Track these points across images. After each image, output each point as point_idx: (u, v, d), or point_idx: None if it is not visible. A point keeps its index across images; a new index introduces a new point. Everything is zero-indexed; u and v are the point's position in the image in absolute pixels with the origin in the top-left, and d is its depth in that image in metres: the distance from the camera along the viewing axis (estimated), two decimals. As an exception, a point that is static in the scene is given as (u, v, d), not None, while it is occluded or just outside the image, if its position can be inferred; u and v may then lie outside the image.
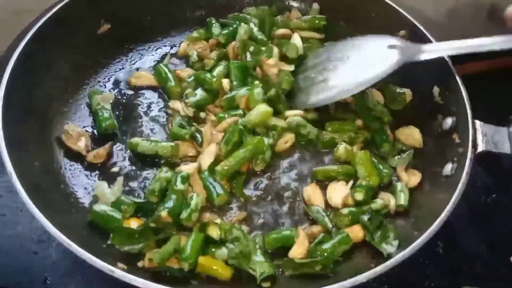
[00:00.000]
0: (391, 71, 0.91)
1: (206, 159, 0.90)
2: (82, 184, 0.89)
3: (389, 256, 0.76)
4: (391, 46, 0.94)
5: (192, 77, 1.03)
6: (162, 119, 0.99)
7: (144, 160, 0.92)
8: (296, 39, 1.08)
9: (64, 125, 0.95)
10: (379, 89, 1.03)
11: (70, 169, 0.90)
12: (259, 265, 0.77)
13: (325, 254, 0.79)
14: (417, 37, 1.02)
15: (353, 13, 1.14)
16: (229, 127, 0.93)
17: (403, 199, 0.87)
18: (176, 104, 1.00)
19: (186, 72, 1.05)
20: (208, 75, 1.01)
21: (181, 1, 1.15)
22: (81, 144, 0.93)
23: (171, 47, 1.12)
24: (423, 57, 0.92)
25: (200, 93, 1.00)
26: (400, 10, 1.06)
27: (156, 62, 1.09)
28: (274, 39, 1.11)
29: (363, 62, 0.95)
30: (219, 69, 1.04)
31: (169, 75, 1.02)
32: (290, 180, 0.93)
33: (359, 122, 0.99)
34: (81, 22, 1.02)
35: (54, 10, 0.97)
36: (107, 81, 1.05)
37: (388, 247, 0.79)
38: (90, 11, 1.04)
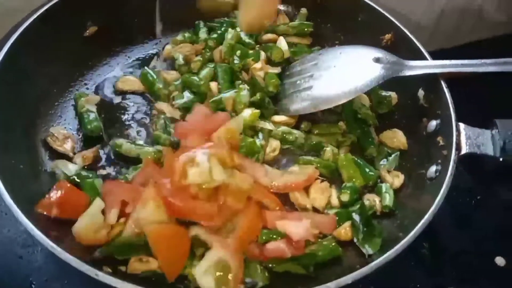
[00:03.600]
0: (374, 85, 0.93)
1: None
2: (68, 187, 0.88)
3: (374, 257, 0.77)
4: (376, 59, 0.95)
5: (180, 80, 1.03)
6: (148, 122, 0.99)
7: (131, 163, 0.92)
8: (282, 43, 1.09)
9: (50, 127, 0.95)
10: (365, 92, 1.04)
11: (56, 172, 0.90)
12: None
13: (313, 260, 0.79)
14: (402, 40, 1.03)
15: (340, 17, 1.15)
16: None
17: (388, 199, 0.88)
18: (162, 106, 1.00)
19: (171, 75, 1.05)
20: (196, 78, 1.01)
21: (168, 4, 1.15)
22: (68, 146, 0.93)
23: (158, 50, 1.12)
24: (408, 73, 0.94)
25: (187, 95, 1.00)
26: (386, 14, 1.07)
27: (142, 65, 1.08)
28: (261, 43, 1.11)
29: (348, 74, 0.96)
30: (206, 71, 1.04)
31: (156, 78, 1.03)
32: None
33: (344, 125, 1.00)
34: (68, 24, 1.01)
35: (40, 11, 0.96)
36: (94, 84, 1.04)
37: (369, 249, 0.80)
38: (77, 13, 1.03)
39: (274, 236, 0.80)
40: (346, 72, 0.96)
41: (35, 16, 0.96)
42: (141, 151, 0.91)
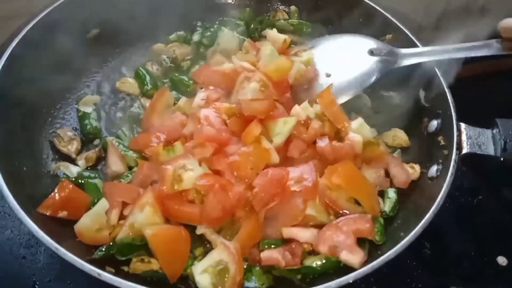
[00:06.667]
0: (372, 81, 0.96)
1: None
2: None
3: (374, 257, 0.76)
4: (372, 52, 0.97)
5: (168, 79, 1.05)
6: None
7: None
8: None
9: (52, 129, 0.95)
10: (365, 92, 1.05)
11: (58, 173, 0.90)
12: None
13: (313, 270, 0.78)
14: (402, 41, 1.03)
15: (340, 18, 1.15)
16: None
17: (388, 206, 0.88)
18: (147, 102, 1.01)
19: (161, 73, 1.08)
20: (185, 77, 1.03)
21: (167, 5, 1.15)
22: (72, 148, 0.93)
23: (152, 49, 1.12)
24: (403, 63, 0.95)
25: (175, 94, 1.01)
26: (387, 14, 1.07)
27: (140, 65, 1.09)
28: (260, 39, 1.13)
29: (345, 73, 0.98)
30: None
31: (147, 78, 1.04)
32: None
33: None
34: (70, 27, 1.02)
35: (42, 14, 0.97)
36: (96, 85, 1.05)
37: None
38: (79, 15, 1.04)
39: (273, 246, 0.80)
40: (344, 72, 0.98)
41: (37, 19, 0.96)
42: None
